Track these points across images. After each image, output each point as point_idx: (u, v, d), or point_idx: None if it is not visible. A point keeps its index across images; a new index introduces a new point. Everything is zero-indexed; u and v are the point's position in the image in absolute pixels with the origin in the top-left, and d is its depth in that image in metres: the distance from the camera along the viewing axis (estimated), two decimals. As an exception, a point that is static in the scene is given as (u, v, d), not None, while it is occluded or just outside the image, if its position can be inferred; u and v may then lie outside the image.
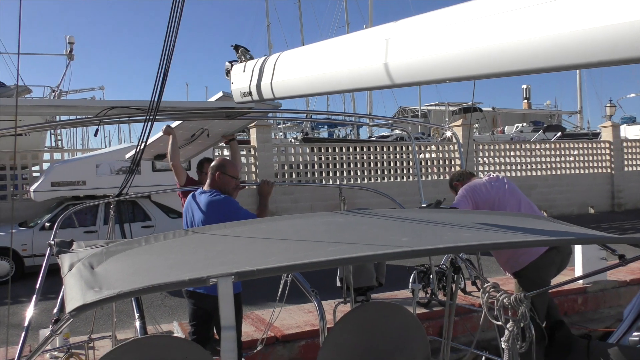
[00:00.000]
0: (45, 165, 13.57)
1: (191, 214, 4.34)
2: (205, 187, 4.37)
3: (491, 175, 5.00)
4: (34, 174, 13.91)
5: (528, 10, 1.50)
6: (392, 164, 16.81)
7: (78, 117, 4.56)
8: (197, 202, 4.30)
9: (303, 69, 2.52)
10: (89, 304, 1.51)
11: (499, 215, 3.13)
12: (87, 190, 11.23)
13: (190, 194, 4.49)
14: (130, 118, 4.19)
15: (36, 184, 11.39)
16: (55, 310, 3.26)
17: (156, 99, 2.99)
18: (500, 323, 2.94)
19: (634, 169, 20.25)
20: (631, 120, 35.92)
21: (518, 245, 2.74)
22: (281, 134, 36.80)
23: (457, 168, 17.05)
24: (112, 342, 5.09)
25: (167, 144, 5.52)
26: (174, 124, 5.27)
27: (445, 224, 2.57)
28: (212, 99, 4.34)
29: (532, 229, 2.50)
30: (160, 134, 5.53)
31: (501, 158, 18.24)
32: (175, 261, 2.04)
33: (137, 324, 3.89)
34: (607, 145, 19.80)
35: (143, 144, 3.34)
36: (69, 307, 1.56)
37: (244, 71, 3.17)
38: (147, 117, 3.19)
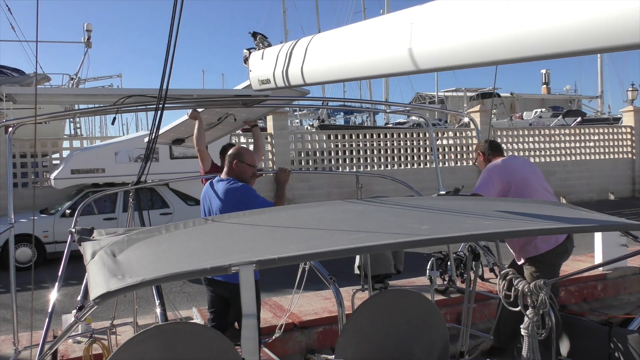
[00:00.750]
0: (65, 153, 13.72)
1: (209, 202, 4.36)
2: (223, 175, 4.38)
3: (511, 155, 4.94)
4: (54, 162, 14.08)
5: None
6: (408, 151, 16.72)
7: (96, 105, 4.58)
8: (214, 190, 4.31)
9: (324, 56, 2.50)
10: (113, 291, 1.53)
11: (519, 203, 3.10)
12: (106, 177, 11.35)
13: (208, 182, 4.50)
14: (147, 106, 4.21)
15: (56, 172, 11.54)
16: (79, 298, 3.31)
17: (165, 87, 2.99)
18: (517, 309, 2.93)
19: (656, 153, 19.95)
20: (653, 105, 35.32)
21: (539, 233, 2.72)
22: (297, 121, 36.78)
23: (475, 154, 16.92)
24: (133, 328, 5.16)
25: (190, 128, 5.49)
26: (200, 108, 5.24)
27: (465, 212, 2.55)
28: (240, 86, 4.30)
29: (553, 216, 2.47)
30: (185, 117, 5.46)
31: (520, 144, 18.06)
32: (196, 249, 2.06)
33: (158, 310, 3.92)
34: (629, 130, 19.49)
35: (155, 132, 3.35)
36: (93, 294, 1.59)
37: (263, 58, 3.16)
38: (157, 105, 3.20)
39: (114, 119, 4.45)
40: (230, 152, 4.44)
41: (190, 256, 1.94)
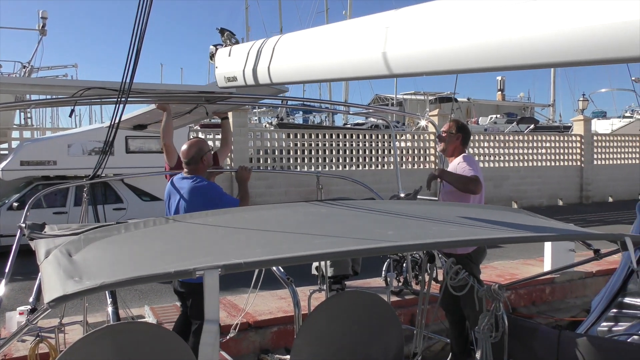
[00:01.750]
0: (15, 144, 13.23)
1: (174, 201, 4.26)
2: (186, 173, 4.29)
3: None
4: (2, 152, 13.55)
5: (531, 5, 1.49)
6: (367, 152, 16.83)
7: (53, 96, 4.43)
8: (177, 189, 4.22)
9: (294, 56, 2.47)
10: (69, 294, 1.47)
11: (479, 209, 3.15)
12: (58, 170, 10.99)
13: (170, 180, 4.41)
14: (106, 99, 4.09)
15: (4, 163, 11.10)
16: (31, 299, 3.18)
17: (127, 80, 2.90)
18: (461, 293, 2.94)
19: (603, 162, 20.68)
20: (602, 115, 36.67)
21: (505, 242, 2.76)
22: (256, 118, 36.53)
23: (432, 158, 17.18)
24: (83, 327, 5.01)
25: (155, 115, 5.22)
26: None
27: (430, 217, 2.57)
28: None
29: (514, 223, 2.52)
30: (153, 106, 5.16)
31: (475, 149, 18.42)
32: (157, 251, 2.01)
33: (110, 309, 3.83)
34: (578, 138, 20.15)
35: (116, 127, 3.26)
36: (48, 297, 1.52)
37: (230, 56, 3.11)
38: (119, 99, 3.11)
39: (72, 111, 4.32)
40: (192, 152, 4.31)
41: (152, 258, 1.88)
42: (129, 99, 3.20)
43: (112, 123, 3.49)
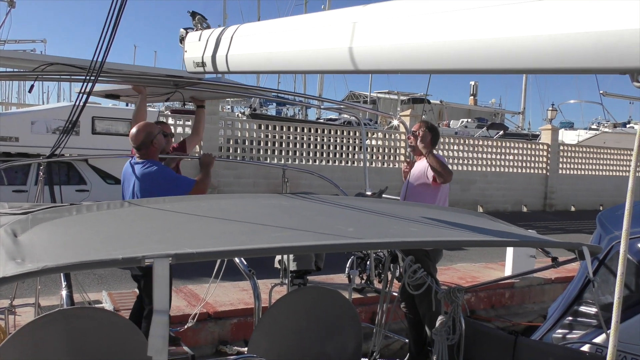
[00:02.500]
0: (-25, 118, 12.79)
1: (127, 186, 4.14)
2: (139, 158, 4.15)
3: None
4: (-38, 126, 13.10)
5: (504, 8, 1.47)
6: (337, 148, 16.83)
7: (15, 70, 4.27)
8: (130, 173, 4.10)
9: (262, 45, 2.42)
10: (9, 277, 1.39)
11: (442, 210, 3.15)
12: (20, 147, 10.66)
13: (128, 162, 4.28)
14: (72, 77, 3.96)
15: (-36, 137, 10.73)
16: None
17: (99, 59, 2.79)
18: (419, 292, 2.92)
19: (568, 172, 21.09)
20: (569, 126, 37.48)
21: (466, 244, 2.76)
22: (228, 107, 36.22)
23: (402, 157, 17.27)
24: (35, 310, 4.87)
25: (130, 90, 4.98)
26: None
27: (391, 216, 2.56)
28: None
29: (475, 227, 2.52)
30: (127, 86, 4.96)
31: (445, 151, 18.58)
32: (108, 235, 1.93)
33: (64, 293, 3.72)
34: (545, 147, 20.51)
35: (83, 105, 3.15)
36: None
37: (200, 40, 3.04)
38: (87, 78, 3.00)
39: (32, 86, 4.17)
40: (141, 136, 4.14)
41: (101, 243, 1.80)
42: (94, 78, 3.09)
43: (77, 103, 3.38)
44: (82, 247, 1.74)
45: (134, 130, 4.19)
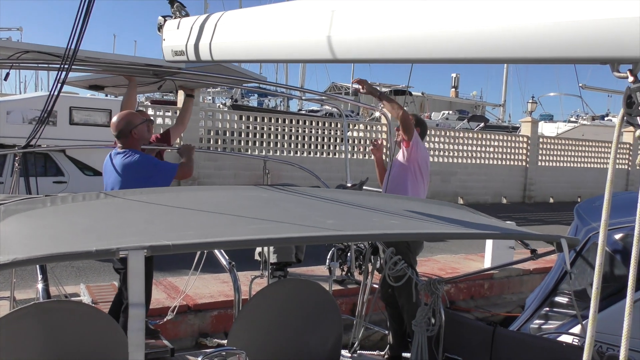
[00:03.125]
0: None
1: (108, 177, 4.06)
2: (120, 148, 4.07)
3: None
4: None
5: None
6: (319, 140, 16.80)
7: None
8: (114, 165, 4.02)
9: (243, 33, 2.38)
10: None
11: (421, 202, 3.15)
12: (-5, 137, 10.46)
13: (108, 154, 4.20)
14: (48, 65, 3.88)
15: (-63, 126, 10.49)
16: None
17: (73, 47, 2.73)
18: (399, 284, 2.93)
19: (547, 164, 21.34)
20: (549, 118, 37.93)
21: (444, 237, 2.77)
22: (210, 98, 35.94)
23: (385, 150, 17.27)
24: (10, 303, 4.79)
25: (116, 80, 4.86)
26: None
27: (372, 208, 2.55)
28: None
29: (456, 219, 2.53)
30: (110, 76, 4.86)
31: (426, 143, 18.58)
32: (82, 227, 1.89)
33: (40, 286, 3.67)
34: (525, 139, 20.70)
35: (57, 94, 3.08)
36: None
37: (178, 28, 2.98)
38: (62, 66, 2.93)
39: (7, 74, 4.07)
40: (120, 124, 4.02)
41: (75, 235, 1.76)
42: (72, 67, 3.03)
43: (52, 92, 3.31)
44: (56, 239, 1.70)
45: (114, 118, 4.10)
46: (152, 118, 4.42)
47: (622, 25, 1.17)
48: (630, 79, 1.21)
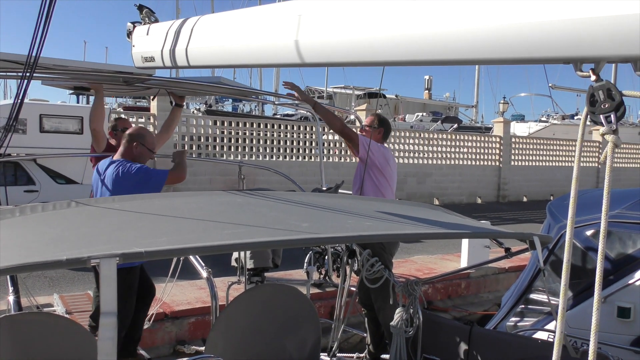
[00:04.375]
0: None
1: (100, 189, 3.98)
2: (117, 156, 4.02)
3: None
4: None
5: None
6: (294, 143, 16.80)
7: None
8: (105, 175, 3.92)
9: (211, 39, 2.37)
10: None
11: (395, 204, 3.17)
12: (-38, 148, 10.22)
13: (95, 168, 4.13)
14: (14, 74, 3.80)
15: None
16: None
17: (34, 54, 2.67)
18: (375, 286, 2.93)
19: (519, 163, 21.66)
20: (520, 118, 38.52)
21: (418, 237, 2.80)
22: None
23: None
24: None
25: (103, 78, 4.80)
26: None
27: (346, 211, 2.56)
28: None
29: (430, 220, 2.55)
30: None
31: (401, 145, 18.79)
32: (53, 236, 1.85)
33: (11, 298, 3.60)
34: (498, 139, 20.98)
35: (20, 103, 3.03)
36: None
37: (148, 34, 2.96)
38: (24, 74, 2.87)
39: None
40: (130, 132, 4.05)
41: (45, 244, 1.73)
42: (34, 75, 2.96)
43: (16, 101, 3.25)
44: (25, 249, 1.66)
45: (134, 129, 4.18)
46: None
47: (584, 26, 1.19)
48: (593, 77, 1.24)
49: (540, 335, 3.93)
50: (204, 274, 3.91)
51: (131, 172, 3.87)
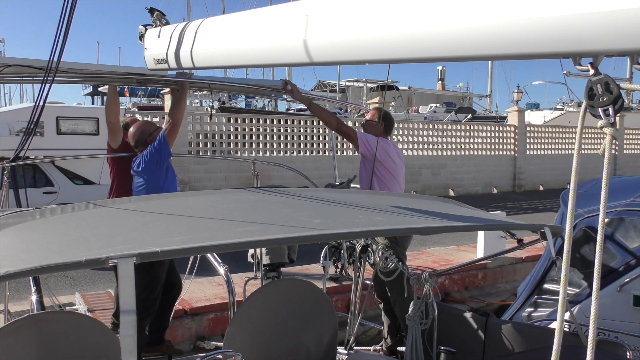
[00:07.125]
0: None
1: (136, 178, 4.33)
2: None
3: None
4: None
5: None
6: (308, 138, 16.83)
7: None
8: (136, 170, 4.29)
9: (222, 40, 2.41)
10: None
11: (409, 198, 3.19)
12: (-17, 151, 10.40)
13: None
14: (31, 78, 3.89)
15: None
16: None
17: (55, 59, 2.75)
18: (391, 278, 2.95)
19: (535, 152, 21.48)
20: (535, 107, 38.11)
21: (432, 231, 2.82)
22: (197, 101, 35.82)
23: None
24: (4, 317, 4.79)
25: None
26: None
27: (358, 206, 2.58)
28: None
29: (441, 213, 2.57)
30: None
31: (415, 137, 18.75)
32: (72, 238, 1.91)
33: (34, 297, 3.68)
34: (513, 129, 20.83)
35: (42, 107, 3.10)
36: None
37: (159, 37, 3.01)
38: (45, 79, 2.95)
39: (-9, 89, 4.08)
40: (135, 139, 4.33)
41: (65, 246, 1.79)
42: (55, 79, 3.05)
43: (37, 104, 3.33)
44: (46, 250, 1.72)
45: (131, 129, 4.38)
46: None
47: (582, 21, 1.21)
48: (591, 71, 1.25)
49: (555, 325, 3.93)
50: (221, 270, 3.96)
51: (146, 154, 4.23)
